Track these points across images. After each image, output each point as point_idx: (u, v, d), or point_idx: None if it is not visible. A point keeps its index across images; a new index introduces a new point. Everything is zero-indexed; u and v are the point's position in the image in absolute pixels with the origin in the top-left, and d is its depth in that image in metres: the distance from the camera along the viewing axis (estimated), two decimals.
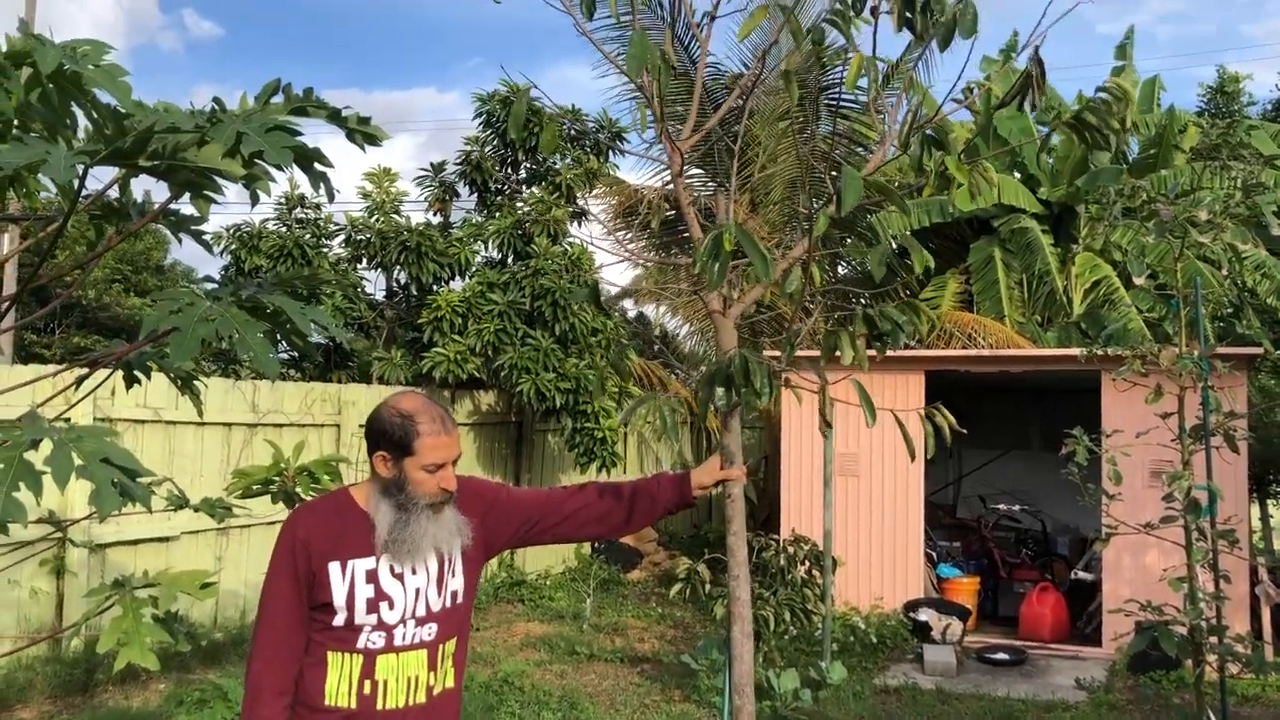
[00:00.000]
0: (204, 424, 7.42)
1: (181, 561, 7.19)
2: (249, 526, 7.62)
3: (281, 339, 2.13)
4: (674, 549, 12.30)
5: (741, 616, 2.54)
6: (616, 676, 7.29)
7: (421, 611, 2.33)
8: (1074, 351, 7.50)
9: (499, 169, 10.77)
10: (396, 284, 10.84)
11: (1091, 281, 12.26)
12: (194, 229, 2.34)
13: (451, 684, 2.43)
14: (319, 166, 1.85)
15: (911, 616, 8.38)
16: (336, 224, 10.45)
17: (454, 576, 2.40)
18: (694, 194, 12.59)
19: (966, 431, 3.06)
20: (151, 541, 7.11)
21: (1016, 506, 10.72)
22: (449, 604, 2.39)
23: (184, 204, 2.11)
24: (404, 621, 2.31)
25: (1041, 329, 12.33)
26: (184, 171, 1.76)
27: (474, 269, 10.27)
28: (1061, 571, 9.88)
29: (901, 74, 3.03)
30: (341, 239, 10.46)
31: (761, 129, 12.39)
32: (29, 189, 2.34)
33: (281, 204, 10.28)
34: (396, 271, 10.43)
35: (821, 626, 7.04)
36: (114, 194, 2.28)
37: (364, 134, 1.95)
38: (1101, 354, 5.61)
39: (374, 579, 2.29)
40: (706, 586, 6.29)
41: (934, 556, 9.48)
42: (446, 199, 10.96)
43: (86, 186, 1.83)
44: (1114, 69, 14.25)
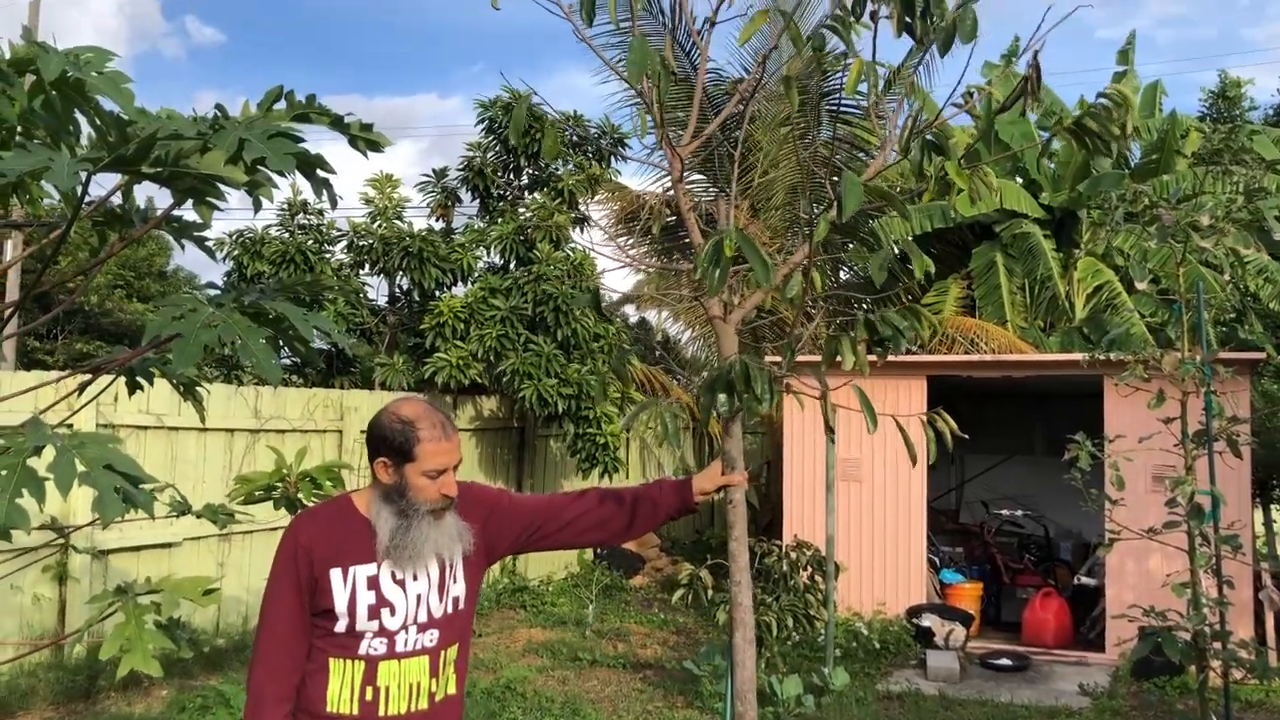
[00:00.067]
0: (206, 430, 7.42)
1: (184, 567, 7.19)
2: (251, 532, 7.62)
3: (284, 345, 2.13)
4: (676, 554, 12.29)
5: (743, 622, 2.54)
6: (619, 682, 7.28)
7: (423, 618, 2.33)
8: (1076, 356, 7.50)
9: (501, 175, 10.78)
10: (399, 290, 10.85)
11: (1094, 286, 12.26)
12: (197, 235, 2.35)
13: (453, 690, 2.43)
14: (321, 173, 1.86)
15: (914, 622, 8.37)
16: (339, 230, 10.45)
17: (455, 582, 2.40)
18: (695, 199, 12.60)
19: (968, 436, 3.06)
20: (154, 548, 7.11)
21: (1019, 512, 10.70)
22: (450, 610, 2.38)
23: (187, 210, 2.11)
24: (405, 628, 2.31)
25: (1044, 334, 12.32)
26: (187, 178, 1.77)
27: (476, 274, 10.28)
28: (1064, 577, 9.86)
29: (903, 79, 3.04)
30: (344, 245, 10.46)
31: (764, 134, 12.39)
32: (32, 195, 2.34)
33: (284, 210, 10.28)
34: (399, 277, 10.43)
35: (824, 632, 7.03)
36: (117, 200, 2.28)
37: (366, 140, 1.95)
38: (1104, 359, 5.62)
39: (375, 585, 2.29)
40: (709, 592, 6.27)
41: (937, 562, 9.46)
42: (449, 205, 10.97)
43: (89, 193, 1.83)
44: (1115, 74, 14.26)
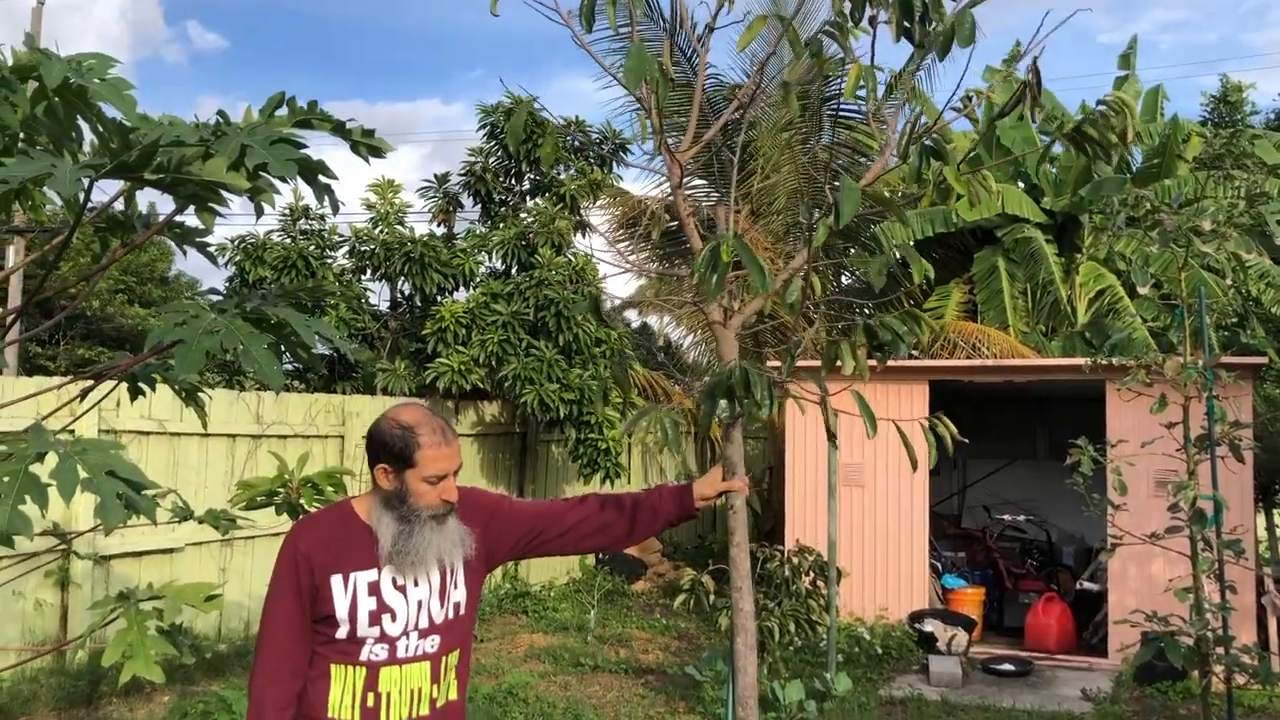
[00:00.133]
0: (208, 435, 7.42)
1: (186, 573, 7.19)
2: (253, 538, 7.62)
3: (286, 351, 2.14)
4: (678, 560, 12.28)
5: (745, 628, 2.54)
6: (621, 688, 7.27)
7: (424, 623, 2.33)
8: (1078, 361, 7.50)
9: (503, 180, 10.80)
10: (400, 295, 10.85)
11: (1095, 291, 12.26)
12: (199, 241, 2.36)
13: (455, 696, 2.42)
14: (323, 179, 1.86)
15: (917, 627, 8.36)
16: (341, 235, 10.45)
17: (456, 588, 2.40)
18: (696, 204, 12.60)
19: (969, 441, 3.06)
20: (156, 553, 7.11)
21: (1021, 517, 10.68)
22: (452, 615, 2.38)
23: (189, 216, 2.12)
24: (407, 634, 2.31)
25: (1046, 339, 12.32)
26: (189, 185, 1.77)
27: (478, 280, 10.28)
28: (1067, 582, 9.84)
29: (904, 84, 3.04)
30: (346, 250, 10.47)
31: (765, 139, 12.40)
32: (35, 202, 2.35)
33: (286, 215, 10.29)
34: (400, 282, 10.44)
35: (826, 638, 7.02)
36: (119, 206, 2.29)
37: (368, 146, 1.96)
38: (1106, 364, 5.61)
39: (376, 591, 2.29)
40: (711, 597, 6.27)
41: (939, 567, 9.45)
42: (450, 210, 10.98)
43: (92, 199, 1.84)
44: (1117, 79, 14.27)
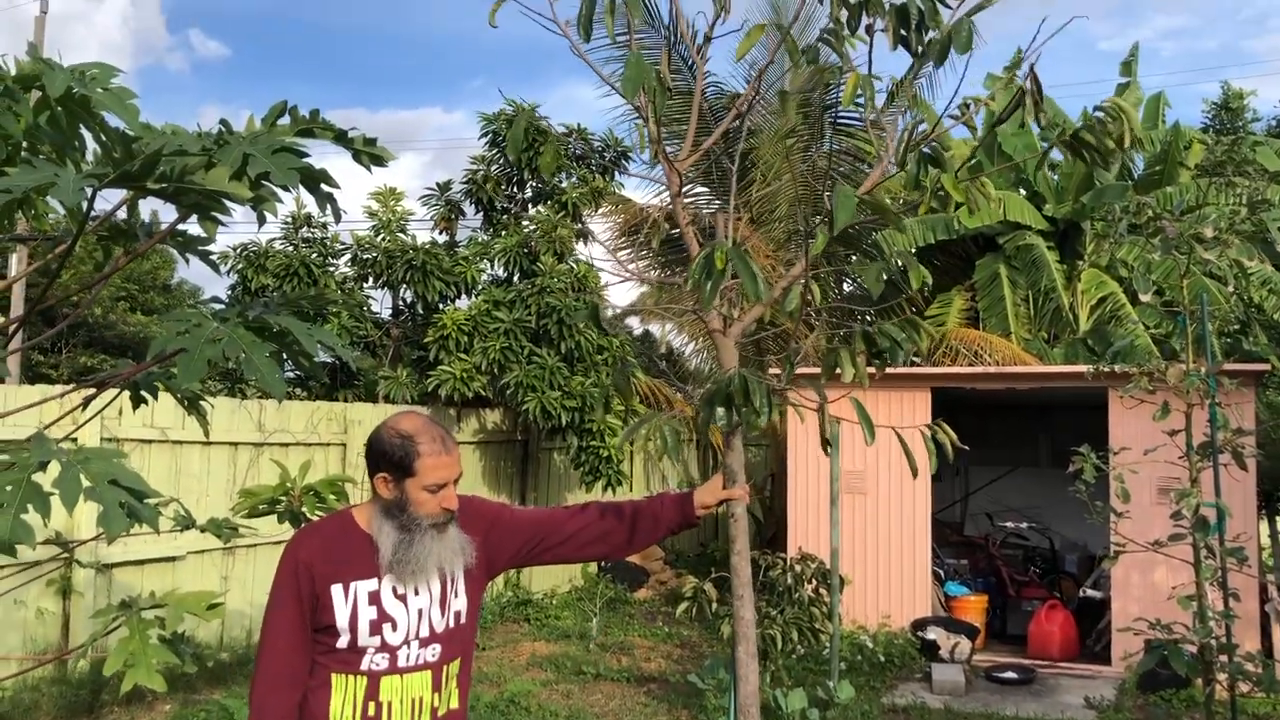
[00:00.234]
0: (210, 443, 7.43)
1: (188, 581, 7.18)
2: (255, 546, 7.61)
3: (288, 359, 2.14)
4: (680, 567, 12.27)
5: (746, 636, 2.53)
6: (623, 696, 7.26)
7: (425, 632, 2.33)
8: (1081, 368, 7.49)
9: (505, 188, 10.81)
10: (402, 303, 10.86)
11: (1098, 298, 12.26)
12: (201, 249, 2.36)
13: (456, 705, 2.42)
14: (325, 187, 1.87)
15: (919, 635, 8.34)
16: (343, 243, 10.47)
17: (457, 596, 2.40)
18: (697, 210, 12.62)
19: (970, 448, 3.06)
20: (158, 561, 7.11)
21: (1024, 524, 10.67)
22: (453, 624, 2.38)
23: (191, 224, 2.12)
24: (407, 643, 2.31)
25: (1048, 346, 12.31)
26: (191, 194, 1.78)
27: (480, 287, 10.29)
28: (1070, 589, 9.83)
29: (905, 92, 3.05)
30: (348, 258, 10.48)
31: (767, 147, 12.42)
32: (38, 210, 2.36)
33: (288, 223, 10.31)
34: (402, 290, 10.45)
35: (829, 645, 7.00)
36: (122, 215, 2.29)
37: (370, 155, 1.96)
38: (1108, 371, 5.61)
39: (376, 600, 2.29)
40: (713, 605, 6.26)
41: (941, 574, 9.43)
42: (452, 218, 10.99)
43: (94, 208, 1.84)
44: (1119, 86, 14.28)
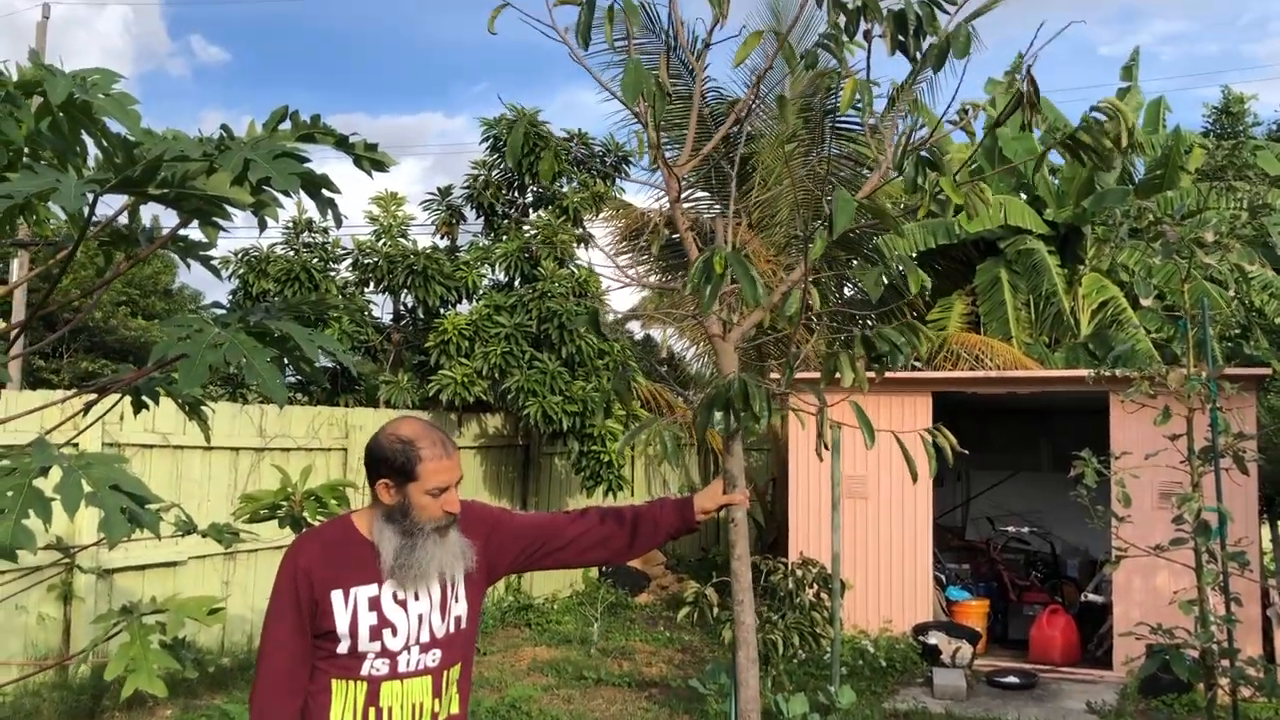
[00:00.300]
0: (211, 448, 7.43)
1: (189, 586, 7.18)
2: (256, 551, 7.61)
3: (289, 364, 2.14)
4: (682, 572, 12.26)
5: (746, 641, 2.53)
6: (624, 701, 7.25)
7: (425, 637, 2.33)
8: (1082, 373, 7.49)
9: (506, 193, 10.82)
10: (404, 307, 10.87)
11: (1099, 302, 12.26)
12: (202, 254, 2.36)
13: (457, 710, 2.42)
14: (326, 192, 1.87)
15: (921, 640, 8.32)
16: (344, 248, 10.48)
17: (457, 601, 2.39)
18: (697, 215, 12.62)
19: (971, 453, 3.06)
20: (159, 567, 7.10)
21: (1025, 528, 10.65)
22: (453, 629, 2.38)
23: (192, 230, 2.13)
24: (408, 648, 2.31)
25: (1049, 350, 12.32)
26: (193, 199, 1.78)
27: (481, 292, 10.30)
28: (1071, 594, 9.81)
29: (905, 97, 3.05)
30: (349, 263, 10.49)
31: (767, 152, 12.42)
32: (39, 216, 2.36)
33: (289, 228, 10.32)
34: (403, 295, 10.46)
35: (830, 650, 6.99)
36: (123, 220, 2.30)
37: (371, 160, 1.97)
38: (1109, 375, 5.61)
39: (377, 606, 2.29)
40: (714, 610, 6.25)
41: (943, 579, 9.42)
42: (453, 223, 11.01)
43: (96, 213, 1.84)
44: (1120, 90, 14.31)
